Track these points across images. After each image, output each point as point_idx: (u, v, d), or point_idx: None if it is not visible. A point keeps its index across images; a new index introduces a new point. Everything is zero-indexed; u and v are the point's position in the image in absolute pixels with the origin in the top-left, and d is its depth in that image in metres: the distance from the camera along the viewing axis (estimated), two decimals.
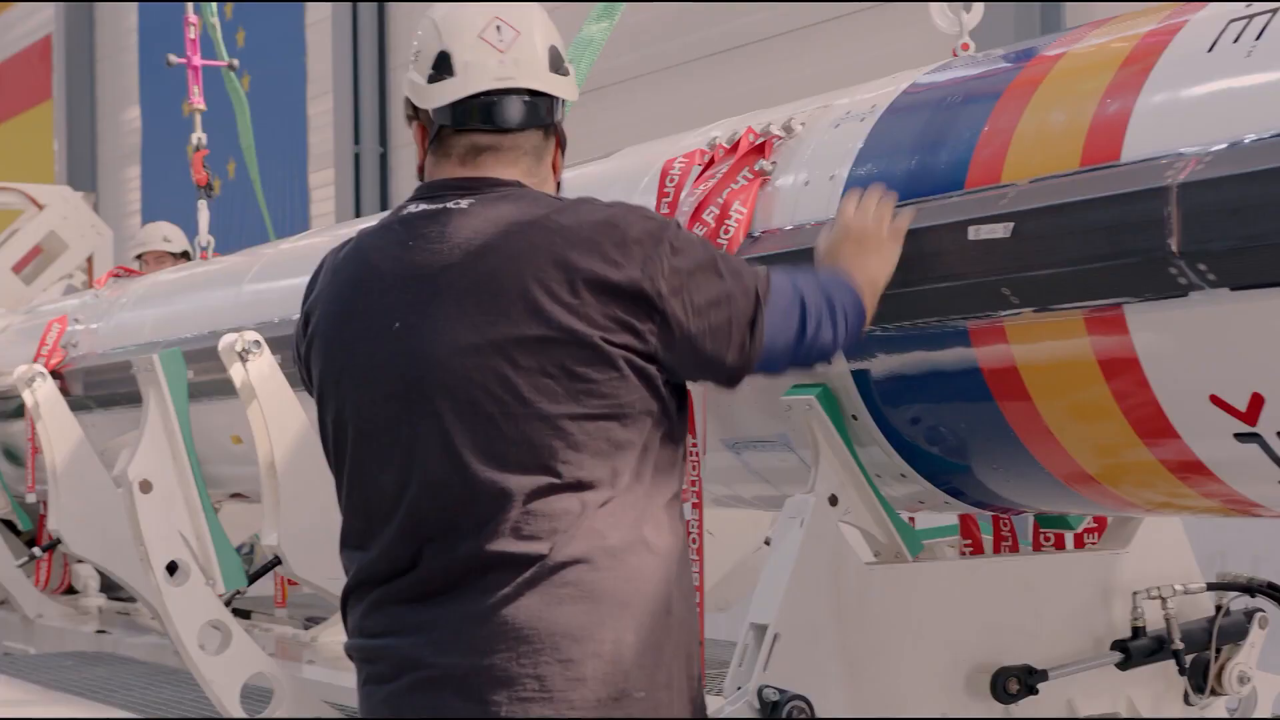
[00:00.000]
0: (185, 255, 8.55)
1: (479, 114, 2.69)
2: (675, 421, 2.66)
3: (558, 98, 2.74)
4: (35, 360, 6.23)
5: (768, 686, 2.82)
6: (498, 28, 2.70)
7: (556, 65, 2.74)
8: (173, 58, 7.35)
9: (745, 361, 2.67)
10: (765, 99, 4.12)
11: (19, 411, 6.32)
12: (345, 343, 2.66)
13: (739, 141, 3.29)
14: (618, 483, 2.54)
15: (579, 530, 2.51)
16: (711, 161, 3.31)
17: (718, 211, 3.20)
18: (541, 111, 2.73)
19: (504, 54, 2.69)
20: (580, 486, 2.52)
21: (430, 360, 2.57)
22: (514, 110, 2.70)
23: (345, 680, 4.28)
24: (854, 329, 2.80)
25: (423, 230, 2.63)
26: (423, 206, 2.67)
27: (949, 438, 3.03)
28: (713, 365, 2.66)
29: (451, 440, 2.54)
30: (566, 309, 2.52)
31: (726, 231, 3.18)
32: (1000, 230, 2.69)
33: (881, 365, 3.04)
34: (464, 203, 2.63)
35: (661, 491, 2.60)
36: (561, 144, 2.80)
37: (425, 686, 2.52)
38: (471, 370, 2.54)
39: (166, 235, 8.66)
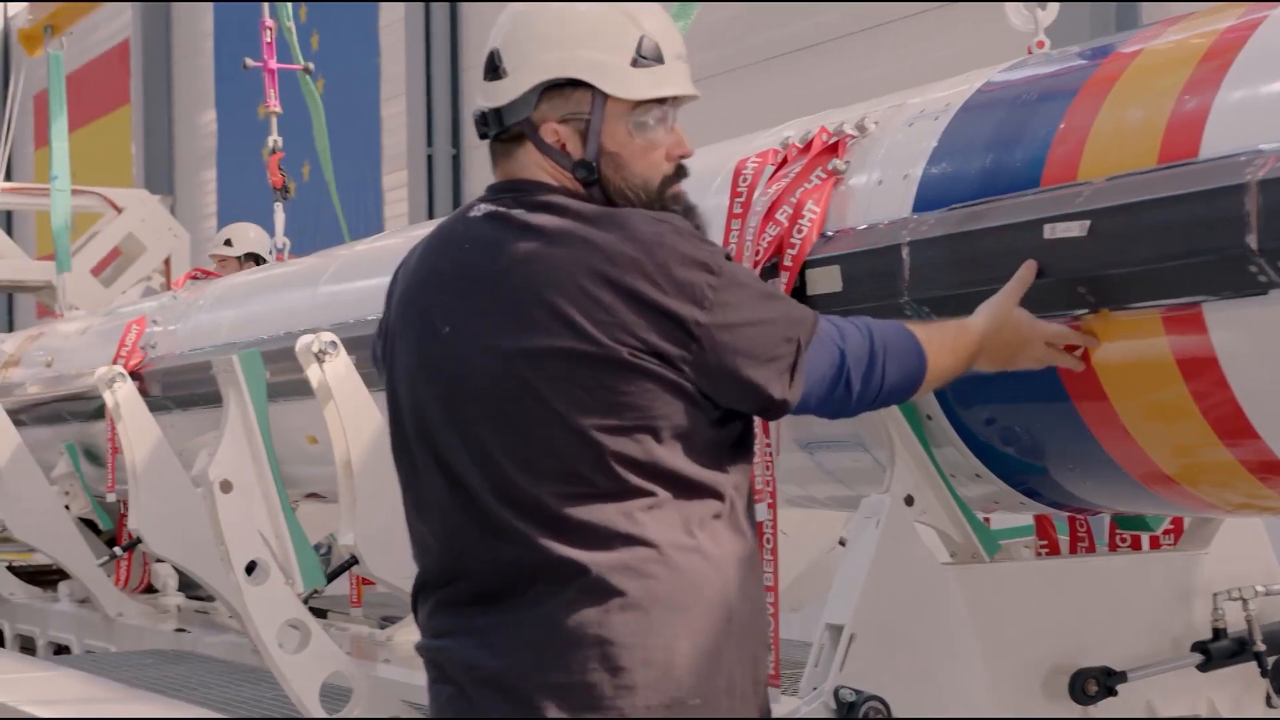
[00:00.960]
0: (253, 259, 8.60)
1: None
2: (727, 428, 2.60)
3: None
4: (115, 361, 6.29)
5: (844, 687, 2.81)
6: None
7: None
8: (249, 61, 7.41)
9: (783, 398, 2.57)
10: (835, 99, 4.11)
11: (99, 412, 6.39)
12: (407, 343, 2.67)
13: (812, 141, 3.28)
14: (661, 491, 2.50)
15: (624, 538, 2.47)
16: (784, 161, 3.31)
17: (791, 211, 3.20)
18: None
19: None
20: (621, 495, 2.48)
21: (469, 367, 2.56)
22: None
23: (420, 679, 4.29)
24: (895, 382, 2.67)
25: (477, 233, 2.62)
26: (484, 209, 2.65)
27: (1024, 438, 3.02)
28: (749, 397, 2.57)
29: (488, 449, 2.53)
30: (599, 324, 2.48)
31: (800, 231, 3.17)
32: (1076, 229, 2.67)
33: None
34: (516, 210, 2.61)
35: (717, 496, 2.56)
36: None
37: (479, 690, 2.53)
38: (504, 379, 2.52)
39: (228, 238, 8.73)
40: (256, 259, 8.62)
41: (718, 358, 2.52)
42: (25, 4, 10.00)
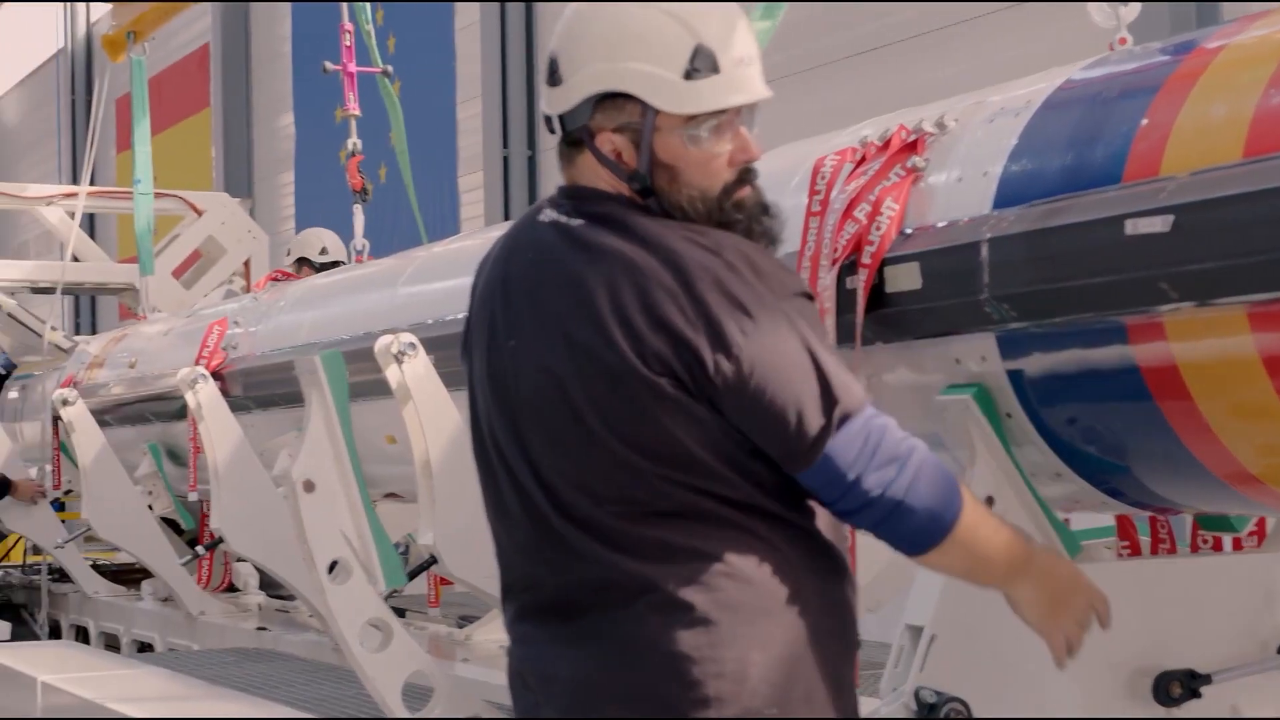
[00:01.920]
0: (307, 263, 8.61)
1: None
2: None
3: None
4: (197, 362, 6.35)
5: (924, 688, 2.80)
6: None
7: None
8: (328, 65, 7.46)
9: (803, 462, 2.43)
10: (911, 97, 4.10)
11: (181, 413, 6.45)
12: (480, 348, 2.66)
13: (891, 138, 3.27)
14: (723, 505, 2.45)
15: (688, 552, 2.43)
16: (863, 159, 3.30)
17: (869, 209, 3.19)
18: None
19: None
20: (681, 512, 2.44)
21: (526, 384, 2.53)
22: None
23: (499, 679, 4.31)
24: (922, 502, 2.43)
25: (540, 243, 2.58)
26: (548, 215, 2.60)
27: (1106, 437, 2.99)
28: (770, 446, 2.45)
29: (546, 468, 2.51)
30: (638, 351, 2.41)
31: (878, 228, 3.16)
32: (1159, 224, 2.65)
33: (1036, 363, 3.01)
34: (575, 221, 2.56)
35: (784, 505, 2.51)
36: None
37: (557, 699, 2.53)
38: (555, 400, 2.49)
39: (290, 248, 8.77)
40: (317, 265, 8.63)
41: (736, 405, 2.42)
42: (109, 9, 10.09)
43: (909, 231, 3.15)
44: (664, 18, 2.51)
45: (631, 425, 2.44)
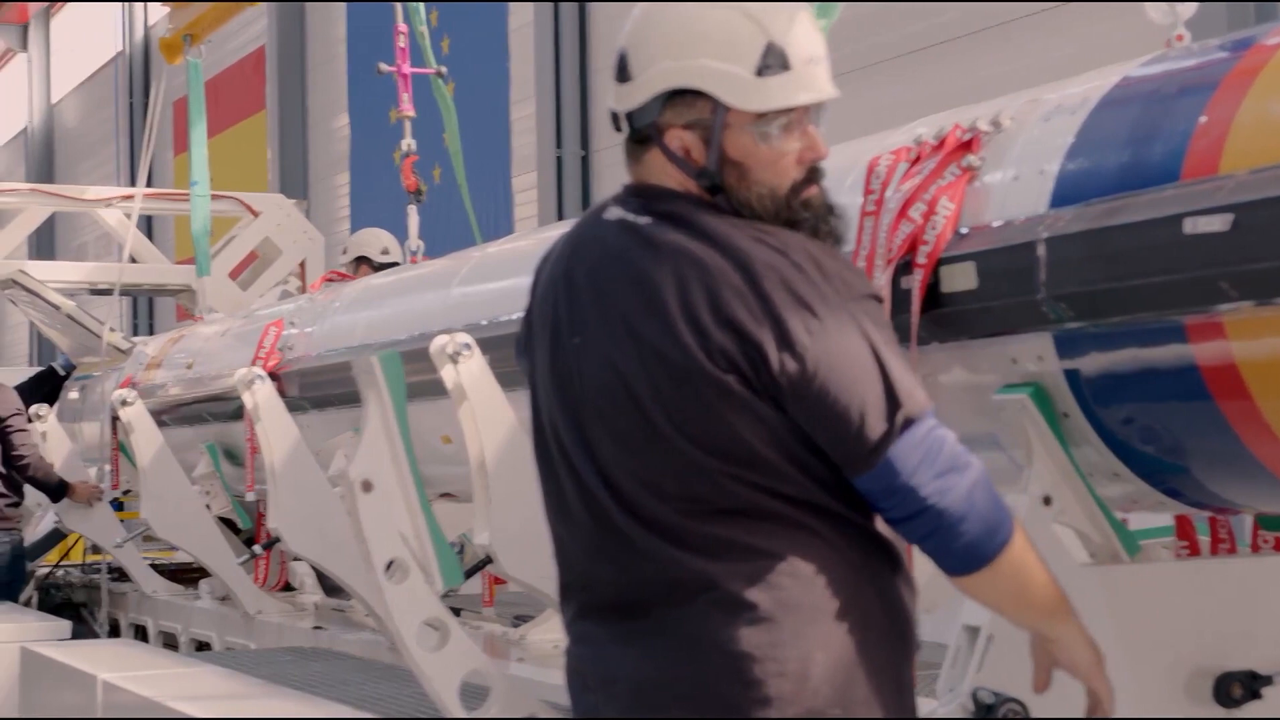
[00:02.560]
0: (367, 262, 8.66)
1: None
2: None
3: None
4: (253, 363, 6.37)
5: (982, 688, 2.78)
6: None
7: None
8: (383, 66, 7.48)
9: (863, 465, 2.44)
10: (968, 95, 4.08)
11: (238, 413, 6.49)
12: (542, 346, 2.67)
13: (946, 137, 3.25)
14: (785, 504, 2.45)
15: (751, 551, 2.44)
16: (918, 158, 3.29)
17: (925, 208, 3.18)
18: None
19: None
20: (744, 510, 2.44)
21: (591, 382, 2.54)
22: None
23: (555, 679, 4.32)
24: (977, 512, 2.43)
25: (606, 241, 2.58)
26: (614, 213, 2.61)
27: (1164, 436, 2.97)
28: (832, 448, 2.46)
29: (611, 466, 2.52)
30: (704, 348, 2.42)
31: (934, 228, 3.15)
32: (1218, 223, 2.63)
33: (1094, 363, 2.99)
34: (643, 219, 2.57)
35: (845, 504, 2.51)
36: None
37: (617, 699, 2.53)
38: (621, 398, 2.50)
39: (346, 247, 8.87)
40: (377, 265, 8.68)
41: (800, 405, 2.42)
42: (166, 13, 10.16)
43: (964, 231, 3.14)
44: (736, 15, 2.53)
45: (697, 423, 2.45)
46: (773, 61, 2.52)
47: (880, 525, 2.53)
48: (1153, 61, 3.12)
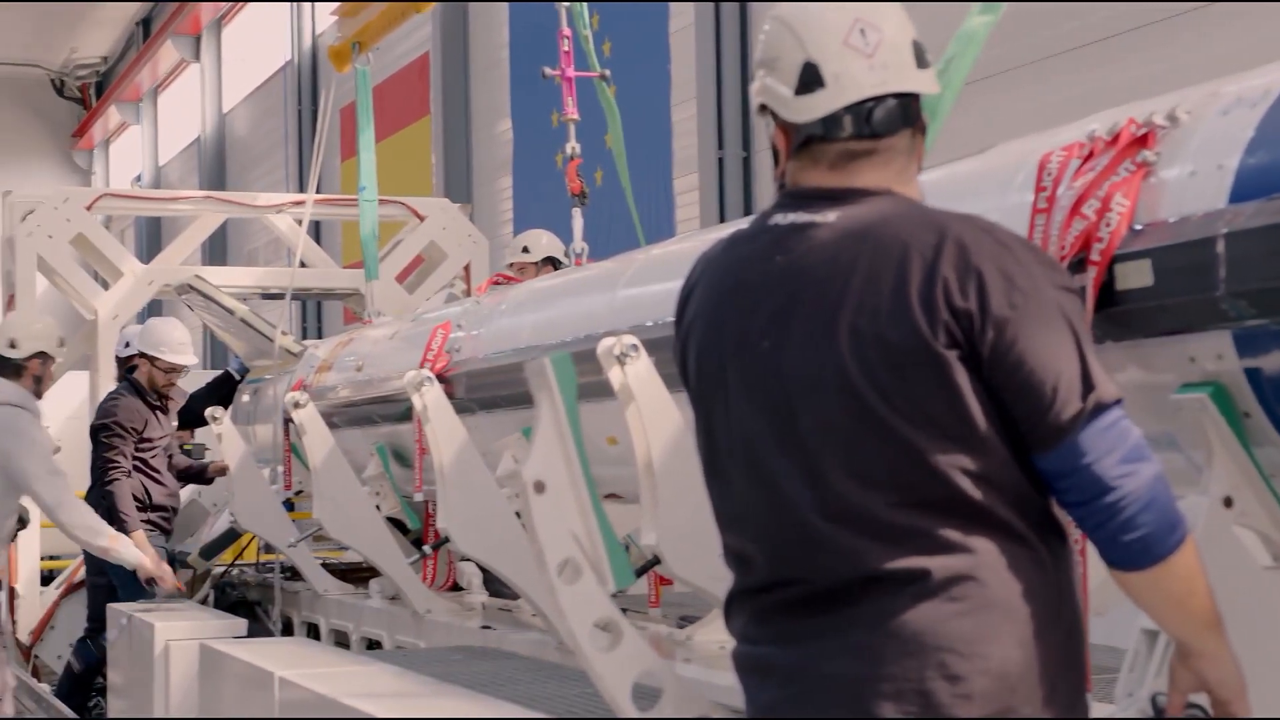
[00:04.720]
0: (551, 262, 8.77)
1: (853, 124, 2.65)
2: None
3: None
4: (422, 365, 6.45)
5: (1161, 694, 2.73)
6: (861, 30, 2.64)
7: (921, 60, 2.71)
8: (547, 70, 7.53)
9: (1052, 440, 2.49)
10: (1136, 91, 4.00)
11: (407, 414, 6.57)
12: (717, 355, 2.67)
13: (1120, 133, 3.19)
14: (990, 496, 2.47)
15: (957, 545, 2.46)
16: (1091, 154, 3.23)
17: (1098, 205, 3.12)
18: (912, 112, 2.69)
19: (872, 58, 2.64)
20: (951, 501, 2.46)
21: (796, 381, 2.56)
22: (889, 116, 2.66)
23: (721, 679, 4.31)
24: (1158, 510, 2.46)
25: (790, 244, 2.61)
26: (790, 218, 2.64)
27: None
28: (1024, 420, 2.51)
29: (819, 463, 2.53)
30: (917, 330, 2.48)
31: (1108, 225, 3.09)
32: None
33: (1276, 361, 2.91)
34: (831, 215, 2.59)
35: (1045, 499, 2.52)
36: (923, 131, 2.76)
37: (812, 695, 2.52)
38: (833, 390, 2.52)
39: (525, 245, 8.98)
40: (555, 263, 8.80)
41: (998, 375, 2.48)
42: (334, 20, 10.34)
43: (1139, 228, 3.08)
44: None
45: (916, 404, 2.49)
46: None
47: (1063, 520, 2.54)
48: None
